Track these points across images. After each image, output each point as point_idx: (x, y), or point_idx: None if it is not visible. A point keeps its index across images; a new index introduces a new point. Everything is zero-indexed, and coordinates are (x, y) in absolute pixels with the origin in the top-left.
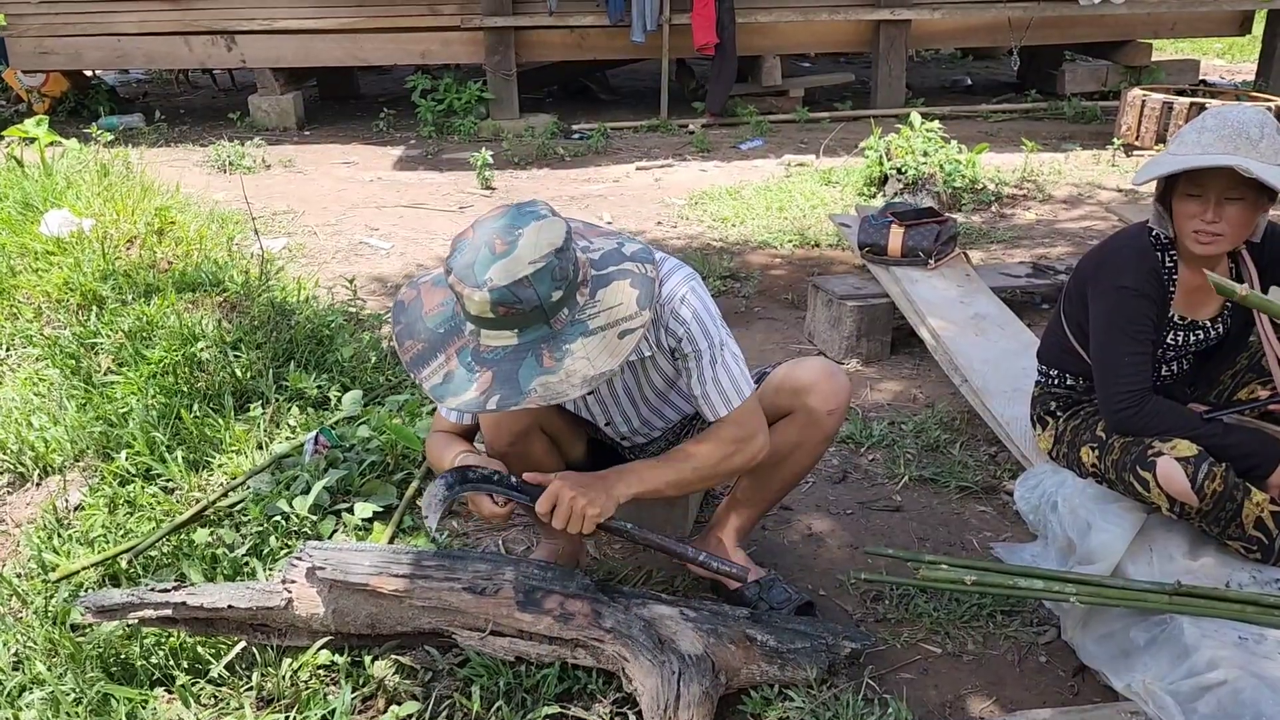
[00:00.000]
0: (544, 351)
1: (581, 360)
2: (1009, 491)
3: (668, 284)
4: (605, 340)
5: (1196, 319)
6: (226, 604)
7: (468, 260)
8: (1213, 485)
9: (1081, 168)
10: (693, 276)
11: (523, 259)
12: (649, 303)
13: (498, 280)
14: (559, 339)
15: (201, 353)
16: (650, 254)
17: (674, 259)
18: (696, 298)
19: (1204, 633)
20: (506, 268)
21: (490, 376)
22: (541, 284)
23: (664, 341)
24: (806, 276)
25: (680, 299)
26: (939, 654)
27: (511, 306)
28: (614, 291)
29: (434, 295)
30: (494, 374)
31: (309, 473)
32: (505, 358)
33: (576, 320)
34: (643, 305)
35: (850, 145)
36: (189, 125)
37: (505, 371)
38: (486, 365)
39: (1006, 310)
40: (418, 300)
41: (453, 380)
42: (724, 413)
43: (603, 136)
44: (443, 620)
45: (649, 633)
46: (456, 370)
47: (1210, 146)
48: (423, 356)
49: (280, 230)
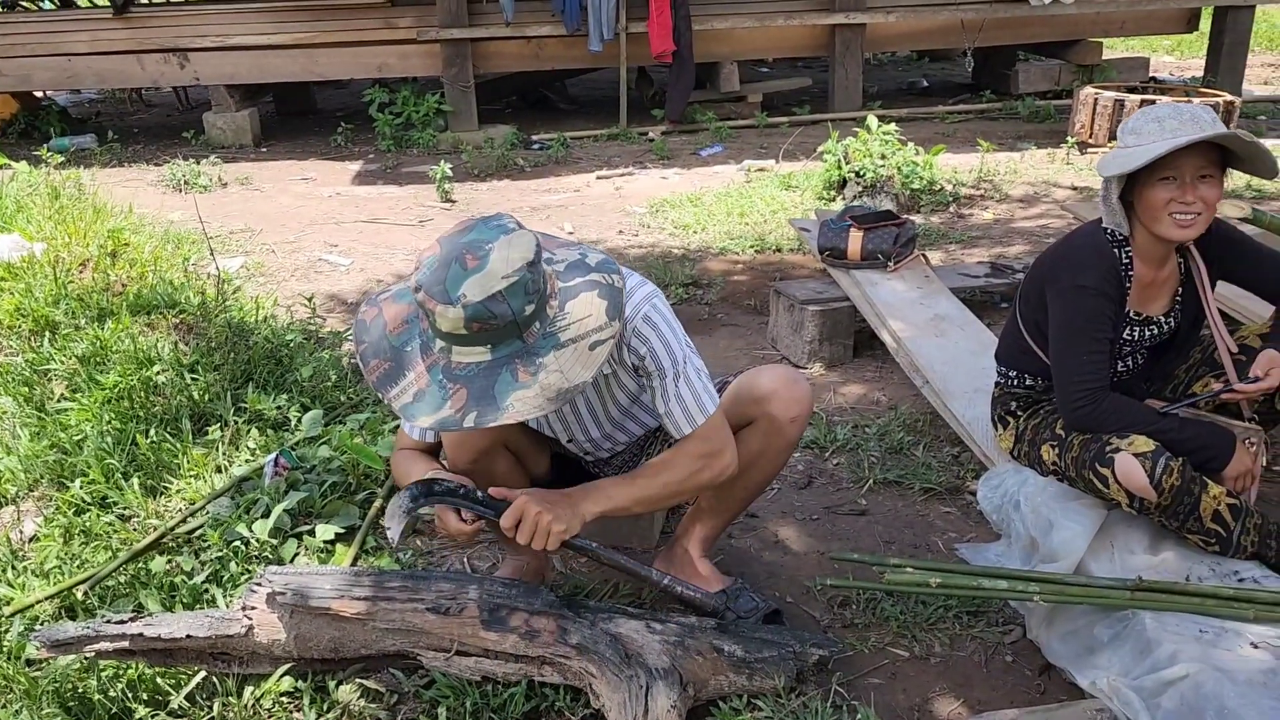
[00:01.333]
0: (518, 366)
1: (555, 373)
2: (972, 492)
3: (630, 301)
4: (577, 352)
5: (1151, 314)
6: (185, 633)
7: (437, 277)
8: (1170, 480)
9: (1037, 166)
10: (655, 293)
11: (496, 274)
12: (618, 313)
13: (472, 296)
14: (532, 353)
15: (157, 376)
16: (614, 264)
17: (635, 275)
18: (658, 314)
19: (1165, 627)
20: (480, 283)
21: (465, 393)
22: (515, 298)
23: (626, 359)
24: (768, 282)
25: (642, 316)
26: (906, 657)
27: (486, 322)
28: (583, 303)
29: (396, 312)
30: (469, 391)
31: (269, 496)
32: (479, 374)
33: (548, 333)
34: (612, 316)
35: (809, 149)
36: (143, 144)
37: (480, 387)
38: (460, 382)
39: (966, 311)
40: (379, 318)
41: (425, 398)
42: (689, 430)
43: (563, 146)
44: (407, 642)
45: (615, 647)
46: (428, 388)
47: (1179, 131)
48: (390, 375)
49: (237, 249)
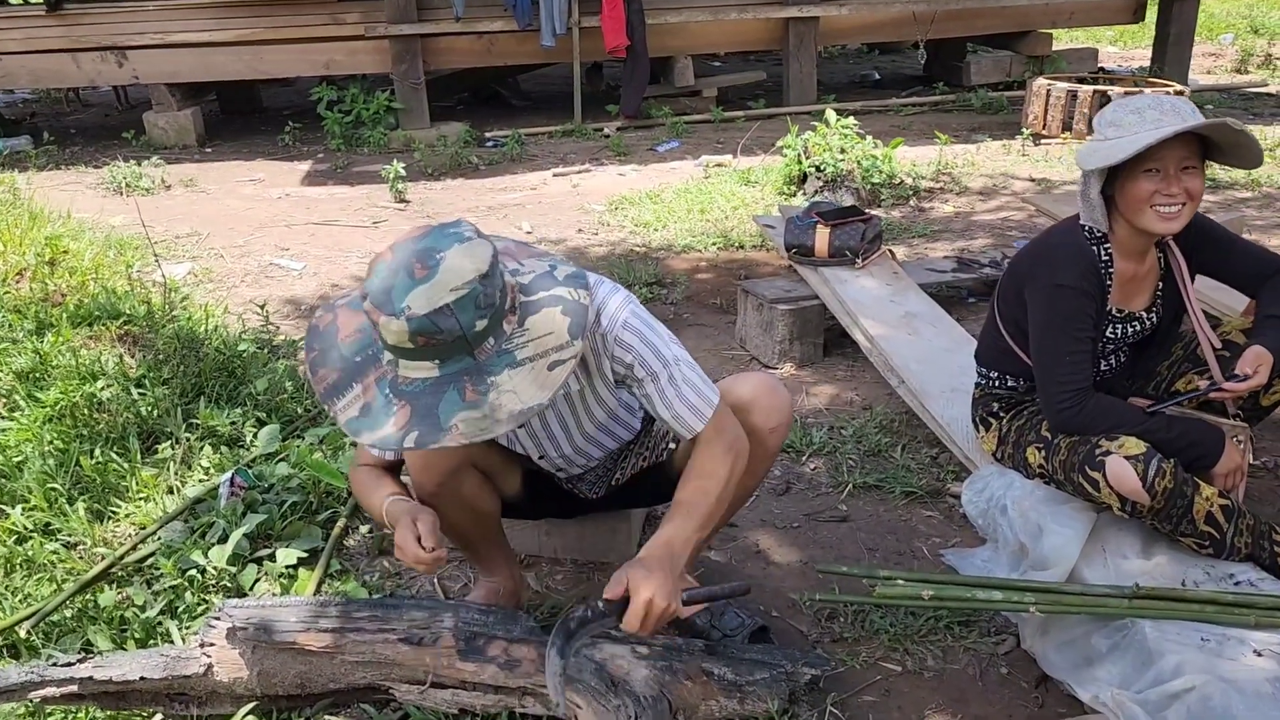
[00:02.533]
0: (466, 384)
1: (508, 394)
2: (954, 494)
3: (605, 312)
4: (534, 372)
5: (1133, 310)
6: (138, 675)
7: (384, 285)
8: (1163, 482)
9: (993, 158)
10: (629, 299)
11: (444, 285)
12: (581, 332)
13: (417, 308)
14: (483, 371)
15: (102, 392)
16: (584, 279)
17: (605, 281)
18: (638, 319)
19: (1166, 636)
20: (426, 295)
21: (408, 411)
22: (464, 312)
23: (607, 372)
24: (733, 280)
25: (622, 324)
26: (899, 672)
27: (431, 336)
28: (544, 319)
29: (350, 320)
30: (412, 408)
31: (225, 518)
32: (425, 390)
33: (503, 350)
34: (574, 334)
35: (767, 144)
36: (81, 146)
37: (425, 405)
38: (405, 398)
39: (937, 307)
40: (333, 325)
41: (370, 413)
42: (700, 427)
43: (517, 143)
44: (379, 674)
45: (600, 675)
46: (374, 402)
47: (1160, 121)
48: (337, 386)
49: (184, 254)
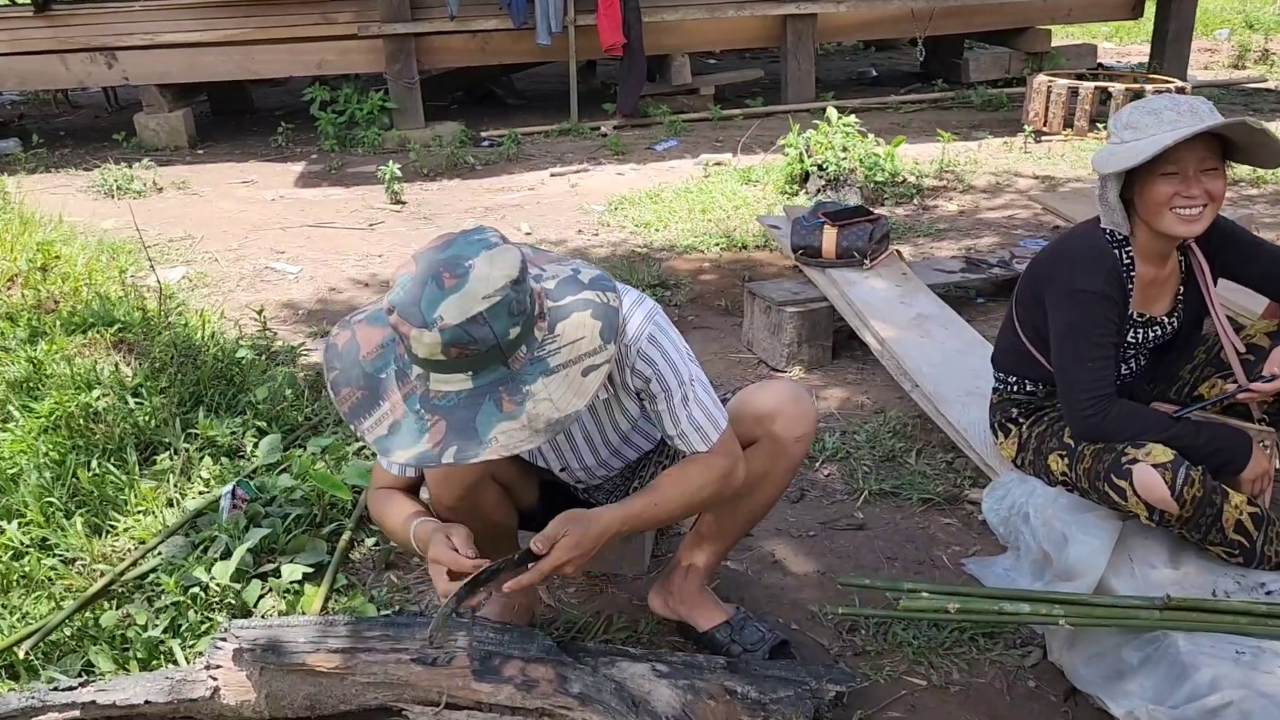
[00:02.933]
0: (502, 395)
1: (544, 402)
2: (972, 501)
3: (631, 322)
4: (569, 378)
5: (1154, 314)
6: (143, 699)
7: (412, 297)
8: (1192, 490)
9: (995, 156)
10: (655, 311)
11: (476, 293)
12: (613, 336)
13: (450, 319)
14: (518, 380)
15: (98, 401)
16: (610, 281)
17: (633, 290)
18: (662, 333)
19: (1200, 649)
20: (459, 304)
21: (444, 425)
22: (498, 320)
23: (629, 382)
24: (737, 281)
25: (647, 338)
26: (924, 686)
27: (465, 347)
28: (575, 324)
29: (371, 335)
30: (448, 423)
31: (227, 533)
32: (459, 404)
33: (536, 358)
34: (607, 338)
35: (766, 142)
36: (70, 148)
37: (461, 419)
38: (438, 413)
39: (948, 309)
40: (352, 342)
41: (400, 431)
42: (703, 449)
43: (513, 143)
44: (391, 695)
45: (621, 695)
46: (404, 419)
47: (1178, 123)
48: (363, 405)
49: (178, 258)
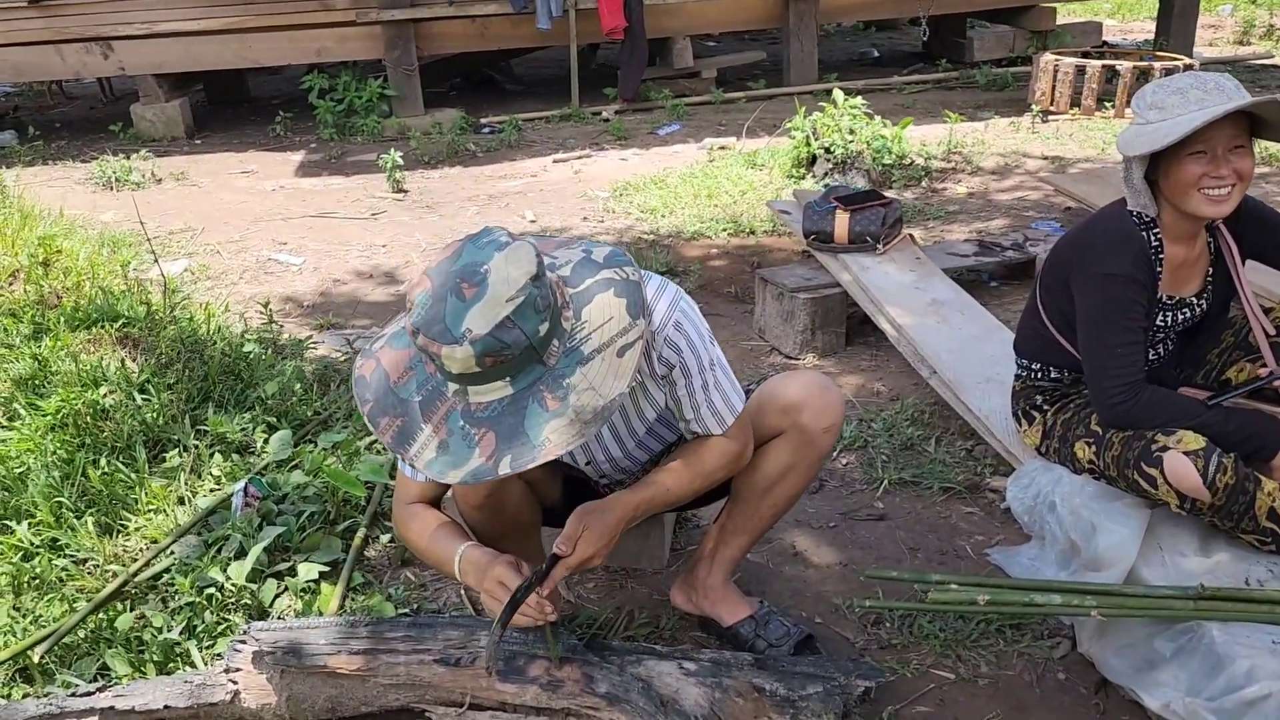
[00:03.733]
0: (545, 394)
1: (587, 392)
2: (994, 489)
3: (656, 310)
4: (605, 363)
5: (1183, 296)
6: (162, 704)
7: (434, 315)
8: (1224, 478)
9: (1003, 136)
10: (679, 295)
11: (499, 298)
12: (640, 310)
13: (478, 329)
14: (556, 375)
15: (105, 398)
16: (624, 255)
17: (656, 276)
18: (688, 320)
19: (1235, 640)
20: (484, 313)
21: (493, 436)
22: (526, 321)
23: (655, 369)
24: (747, 267)
25: (673, 324)
26: (953, 680)
27: (499, 354)
28: (599, 307)
29: (396, 359)
30: (496, 433)
31: (241, 531)
32: (504, 411)
33: (569, 349)
34: (635, 314)
35: (770, 125)
36: (67, 140)
37: (509, 426)
38: (484, 425)
39: (963, 293)
40: (379, 370)
41: (449, 450)
42: (719, 432)
43: (515, 129)
44: (413, 697)
45: (648, 694)
46: (450, 438)
47: (1204, 101)
48: (406, 432)
49: (180, 251)
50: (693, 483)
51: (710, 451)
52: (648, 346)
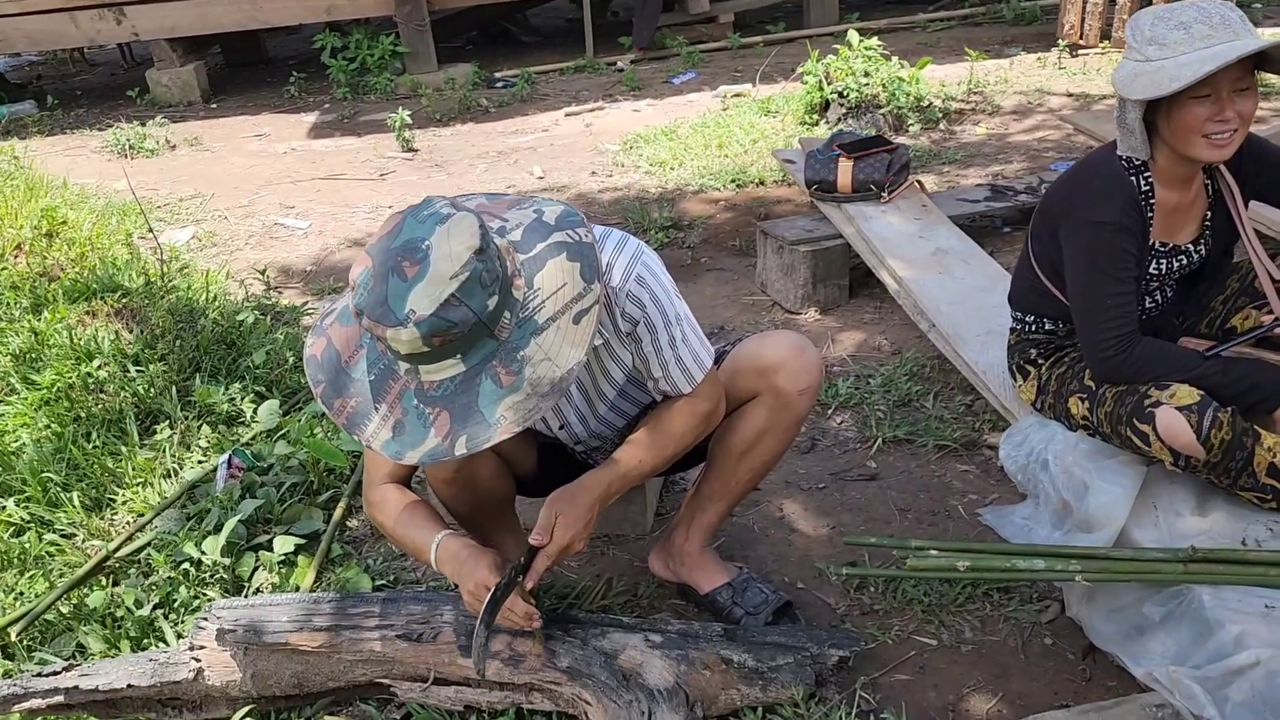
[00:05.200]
0: (498, 369)
1: (543, 363)
2: (990, 446)
3: (617, 265)
4: (561, 331)
5: (1178, 243)
6: (125, 683)
7: (377, 296)
8: (1220, 434)
9: (1028, 74)
10: (640, 249)
11: (442, 275)
12: (595, 274)
13: (422, 309)
14: (509, 348)
15: (99, 371)
16: (577, 215)
17: (616, 232)
18: (651, 275)
19: (1226, 604)
20: (427, 292)
21: (447, 416)
22: (472, 297)
23: (620, 326)
24: (753, 220)
25: (636, 279)
26: (935, 646)
27: (446, 334)
28: (552, 273)
29: (347, 337)
30: (450, 412)
31: (221, 504)
32: (456, 389)
33: (522, 320)
34: (589, 278)
35: (787, 70)
36: (86, 108)
37: (463, 405)
38: (438, 404)
39: (969, 242)
40: (329, 349)
41: (404, 430)
42: (688, 390)
43: (527, 83)
44: (379, 672)
45: (611, 668)
46: (406, 418)
47: (1211, 38)
48: (360, 413)
49: (188, 217)
50: (665, 450)
51: (679, 414)
52: (610, 304)
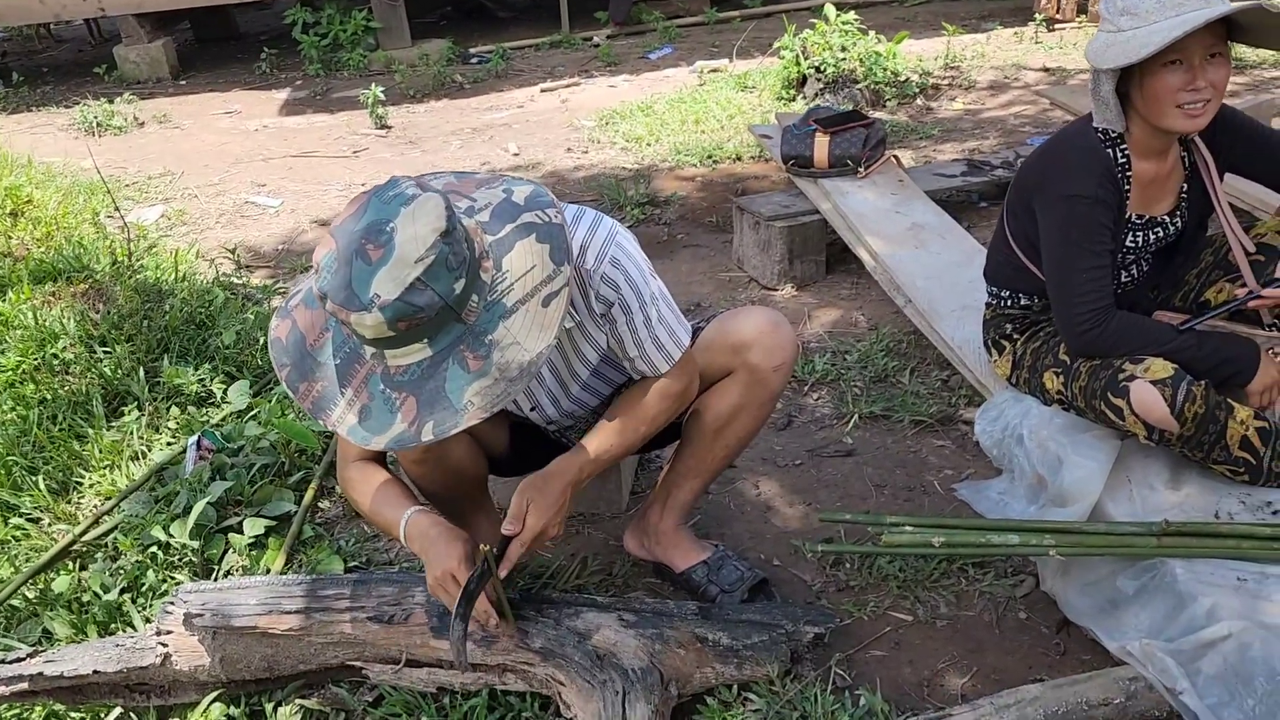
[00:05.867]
0: (465, 353)
1: (512, 347)
2: (966, 421)
3: (592, 247)
4: (530, 314)
5: (1154, 215)
6: (91, 669)
7: (341, 280)
8: (1193, 408)
9: (1004, 48)
10: (614, 228)
11: (407, 259)
12: (565, 256)
13: (386, 294)
14: (477, 333)
15: (64, 353)
16: (547, 195)
17: (590, 211)
18: (625, 255)
19: (1199, 577)
20: (392, 276)
21: (414, 401)
22: (438, 281)
23: (594, 308)
24: (729, 196)
25: (610, 260)
26: (910, 622)
27: (413, 319)
28: (521, 254)
29: (311, 320)
30: (417, 398)
31: (190, 487)
32: (424, 374)
33: (490, 303)
34: (559, 260)
35: (764, 45)
36: (53, 84)
37: (430, 390)
38: (404, 389)
39: (945, 217)
40: (294, 331)
41: (371, 415)
42: (665, 369)
43: (502, 59)
44: (351, 654)
45: (584, 649)
46: (373, 403)
47: (1181, 5)
48: (326, 397)
49: (157, 196)
50: (638, 430)
51: (652, 394)
52: (584, 286)
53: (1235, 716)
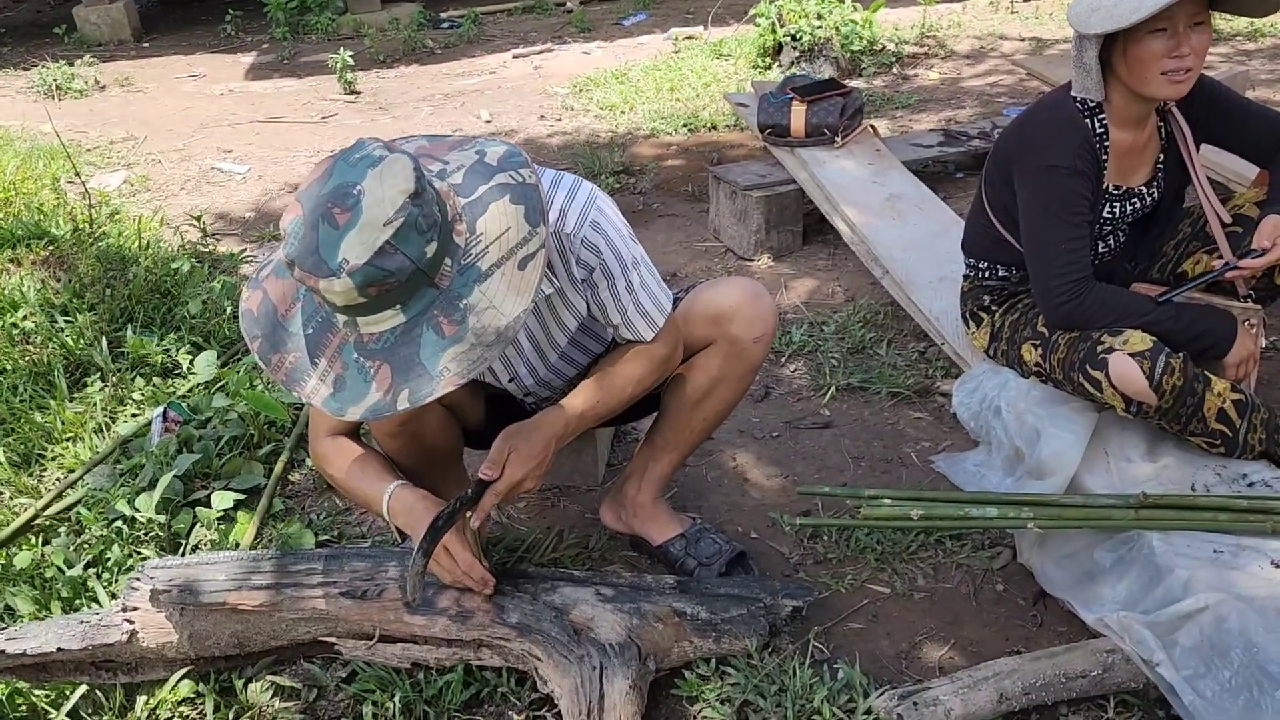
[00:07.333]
0: (439, 318)
1: (487, 311)
2: (943, 393)
3: (571, 211)
4: (505, 277)
5: (1131, 186)
6: (54, 646)
7: (308, 245)
8: (1172, 380)
9: (981, 18)
10: (595, 194)
11: (375, 222)
12: (540, 216)
13: (355, 259)
14: (451, 297)
15: (24, 322)
16: (521, 156)
17: (569, 176)
18: (605, 219)
19: (1175, 550)
20: (360, 239)
21: (389, 369)
22: (409, 244)
23: (574, 273)
24: (705, 165)
25: (590, 224)
26: (888, 594)
27: (383, 283)
28: (495, 216)
29: (283, 290)
30: (391, 365)
31: (156, 460)
32: (398, 341)
33: (464, 267)
34: (534, 221)
35: (740, 12)
36: (9, 46)
37: (404, 358)
38: (378, 357)
39: (923, 187)
40: (265, 302)
41: (345, 385)
42: (649, 336)
43: (474, 24)
44: (323, 629)
45: (561, 624)
46: (346, 373)
47: None
48: (299, 369)
49: (119, 161)
50: (623, 391)
51: (636, 358)
52: (564, 251)
53: (1211, 688)
